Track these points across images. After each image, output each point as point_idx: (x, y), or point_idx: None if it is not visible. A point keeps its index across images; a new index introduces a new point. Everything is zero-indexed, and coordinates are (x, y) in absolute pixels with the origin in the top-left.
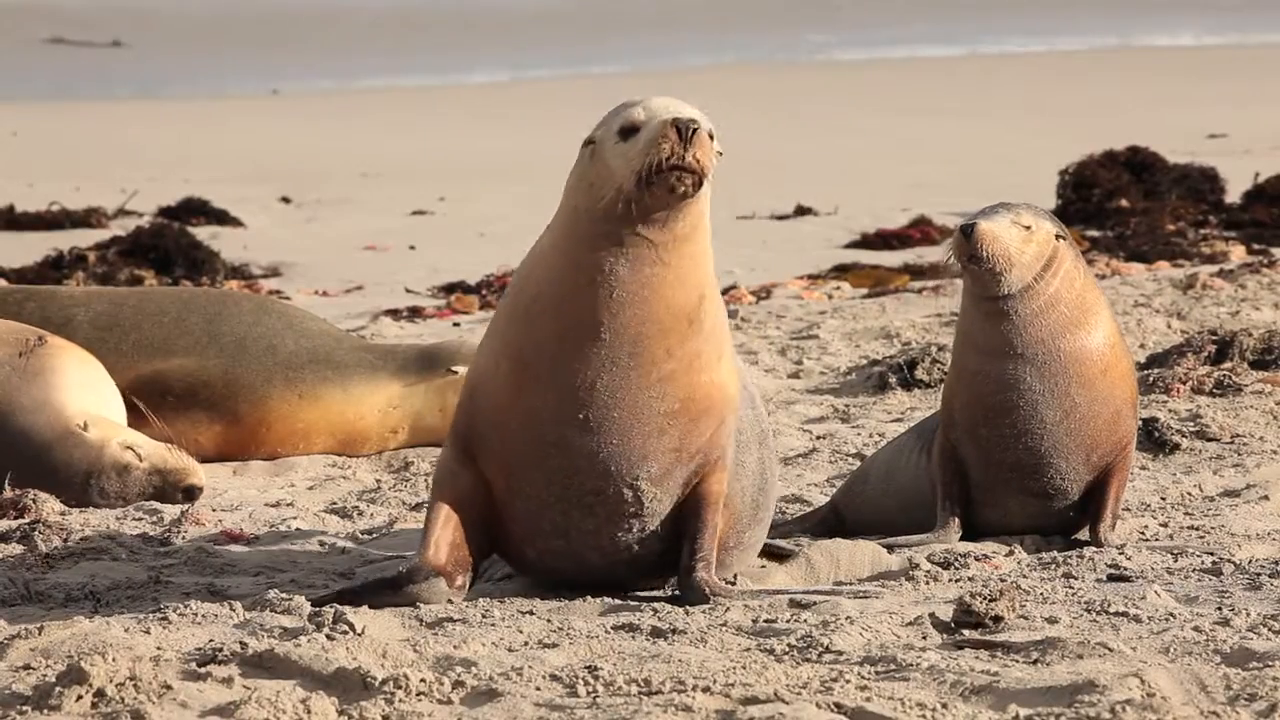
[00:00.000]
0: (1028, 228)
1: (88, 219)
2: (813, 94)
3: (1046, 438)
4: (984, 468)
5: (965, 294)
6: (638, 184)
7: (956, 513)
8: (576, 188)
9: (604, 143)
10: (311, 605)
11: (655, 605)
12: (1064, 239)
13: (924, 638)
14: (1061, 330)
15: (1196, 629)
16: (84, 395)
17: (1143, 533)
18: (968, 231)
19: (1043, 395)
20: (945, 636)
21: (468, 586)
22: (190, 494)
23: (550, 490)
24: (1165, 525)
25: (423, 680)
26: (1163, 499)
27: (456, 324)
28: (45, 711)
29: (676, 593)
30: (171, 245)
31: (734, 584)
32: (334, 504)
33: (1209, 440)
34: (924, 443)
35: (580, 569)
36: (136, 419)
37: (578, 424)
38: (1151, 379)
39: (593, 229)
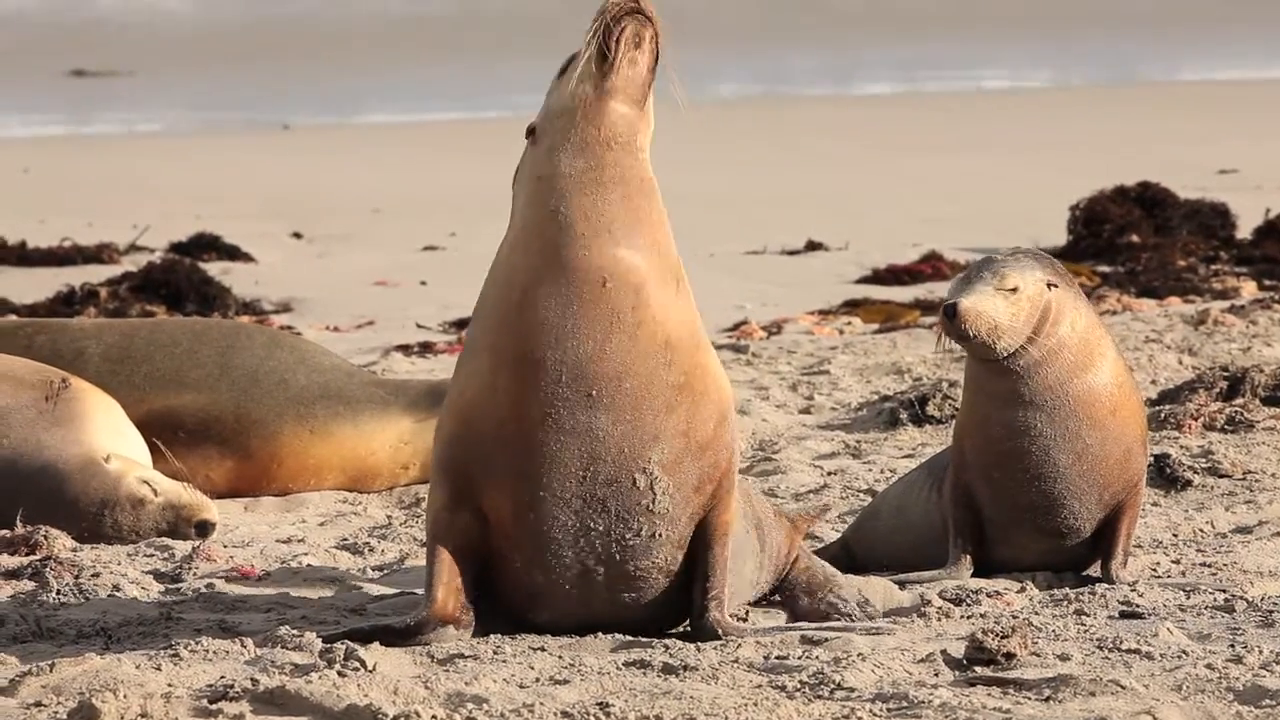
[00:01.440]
0: (1014, 289)
1: (99, 255)
2: (823, 129)
3: (1060, 480)
4: (997, 507)
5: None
6: (599, 64)
7: (968, 550)
8: (527, 172)
9: (547, 104)
10: (323, 642)
11: (667, 642)
12: (1057, 286)
13: (936, 675)
14: (1068, 375)
15: (1209, 666)
16: (113, 439)
17: (1155, 569)
18: (950, 313)
19: (1054, 440)
20: (957, 673)
21: (473, 625)
22: (203, 530)
23: (566, 487)
24: (1177, 562)
25: (434, 717)
26: (1175, 535)
27: None
28: None
29: (688, 629)
30: (183, 281)
31: (745, 620)
32: (345, 540)
33: (1221, 477)
34: (935, 479)
35: (585, 588)
36: (151, 456)
37: (590, 401)
38: (1163, 415)
39: (555, 181)
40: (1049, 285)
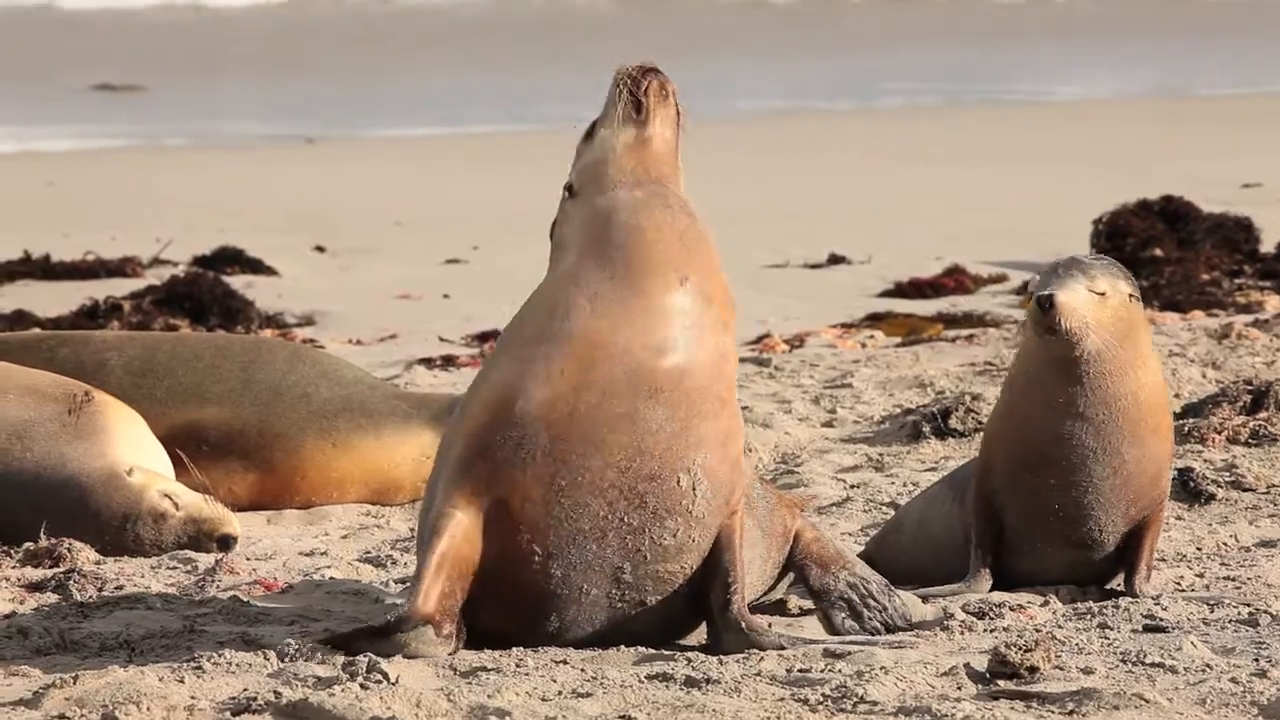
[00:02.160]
0: (1103, 293)
1: (123, 268)
2: (845, 142)
3: (1092, 490)
4: (1022, 516)
5: (1034, 346)
6: (636, 112)
7: (988, 562)
8: (581, 212)
9: (584, 159)
10: (292, 647)
11: (689, 654)
12: (1137, 298)
13: (959, 688)
14: (1124, 392)
15: (1233, 680)
16: (135, 452)
17: (1178, 583)
18: (1045, 304)
19: (1094, 452)
20: (980, 687)
21: (455, 636)
22: (225, 544)
23: (605, 476)
24: (1201, 576)
25: None
26: (1198, 549)
27: None
28: None
29: (707, 641)
30: (206, 294)
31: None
32: (368, 553)
33: (1245, 490)
34: (957, 492)
35: (607, 588)
36: (175, 469)
37: (651, 392)
38: (1187, 429)
39: (619, 202)
40: (1130, 298)
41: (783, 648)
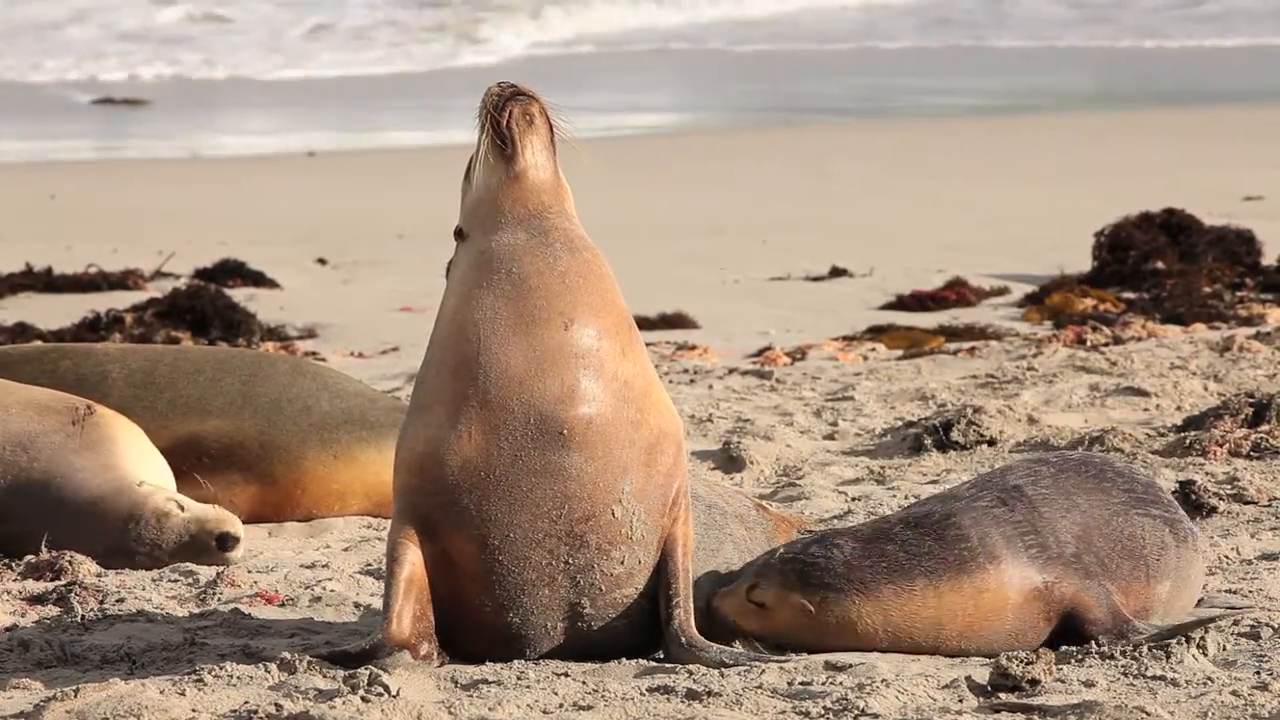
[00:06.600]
0: (758, 591)
1: (125, 281)
2: (847, 155)
3: None
4: None
5: None
6: (503, 146)
7: None
8: (468, 256)
9: (465, 206)
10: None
11: (690, 667)
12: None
13: (960, 701)
14: None
15: (1234, 693)
16: (139, 464)
17: None
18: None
19: None
20: (981, 700)
21: (433, 656)
22: (225, 543)
23: (538, 527)
24: (1203, 588)
25: None
26: None
27: None
28: None
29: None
30: (208, 307)
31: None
32: (369, 565)
33: (1246, 503)
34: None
35: (572, 620)
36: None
37: (562, 441)
38: (1188, 442)
39: (502, 250)
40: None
41: (724, 664)
